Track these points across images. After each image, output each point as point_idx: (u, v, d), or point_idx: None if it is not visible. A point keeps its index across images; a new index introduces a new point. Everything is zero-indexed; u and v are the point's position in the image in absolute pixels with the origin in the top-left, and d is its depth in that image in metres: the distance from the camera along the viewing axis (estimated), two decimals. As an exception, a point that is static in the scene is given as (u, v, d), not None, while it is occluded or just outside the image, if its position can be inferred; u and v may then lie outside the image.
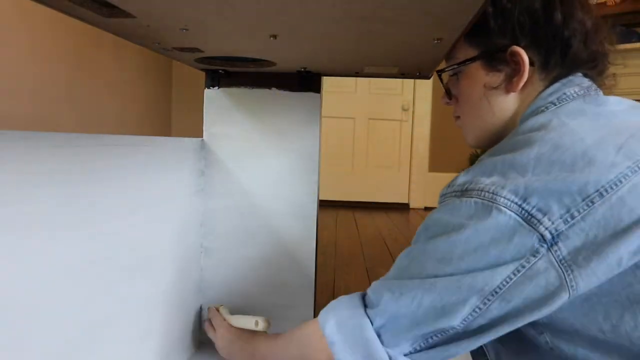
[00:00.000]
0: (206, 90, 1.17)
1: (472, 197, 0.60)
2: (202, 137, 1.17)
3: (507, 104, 0.74)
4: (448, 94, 0.85)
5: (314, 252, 1.18)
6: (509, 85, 0.73)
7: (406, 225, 3.63)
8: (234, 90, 1.17)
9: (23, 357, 0.60)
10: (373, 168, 4.42)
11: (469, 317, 0.58)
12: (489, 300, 0.57)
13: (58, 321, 0.66)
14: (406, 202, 4.45)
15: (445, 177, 4.36)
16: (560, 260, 0.54)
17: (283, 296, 1.18)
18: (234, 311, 1.19)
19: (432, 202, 4.39)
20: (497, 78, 0.74)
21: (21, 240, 0.59)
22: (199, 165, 1.16)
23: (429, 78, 1.14)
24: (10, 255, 0.57)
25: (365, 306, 0.67)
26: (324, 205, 4.11)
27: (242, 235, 1.18)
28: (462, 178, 0.65)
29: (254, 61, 1.00)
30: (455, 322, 0.59)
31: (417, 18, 0.63)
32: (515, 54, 0.71)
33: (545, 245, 0.54)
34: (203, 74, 1.17)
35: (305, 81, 1.14)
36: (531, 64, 0.71)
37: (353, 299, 0.70)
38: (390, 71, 1.10)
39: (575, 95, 0.69)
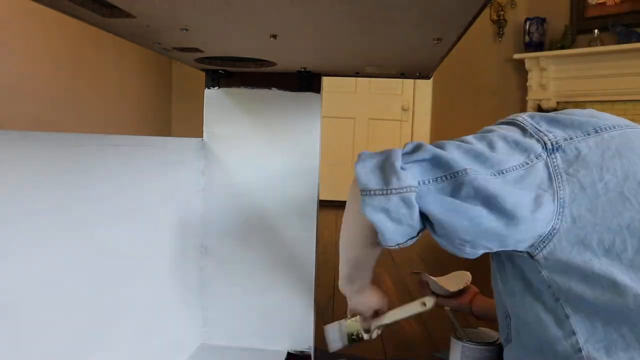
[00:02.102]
0: (206, 90, 1.17)
1: (497, 122, 0.76)
2: (202, 137, 1.17)
3: None
4: None
5: (314, 252, 1.18)
6: None
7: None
8: (234, 90, 1.17)
9: (23, 357, 0.60)
10: (373, 168, 4.42)
11: (475, 173, 0.65)
12: (497, 174, 0.66)
13: (58, 321, 0.66)
14: (406, 202, 4.45)
15: (445, 177, 4.35)
16: (555, 167, 0.66)
17: (283, 296, 1.18)
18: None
19: (432, 202, 4.38)
20: None
21: (22, 240, 0.59)
22: (199, 165, 1.16)
23: (429, 78, 1.14)
24: (11, 255, 0.57)
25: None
26: (324, 205, 4.10)
27: (242, 235, 1.18)
28: None
29: (254, 61, 1.00)
30: (465, 165, 0.65)
31: (417, 18, 0.63)
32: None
33: (545, 153, 0.67)
34: (203, 74, 1.17)
35: (305, 81, 1.14)
36: None
37: None
38: (390, 71, 1.10)
39: None
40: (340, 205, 3.89)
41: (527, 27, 3.89)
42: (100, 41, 2.91)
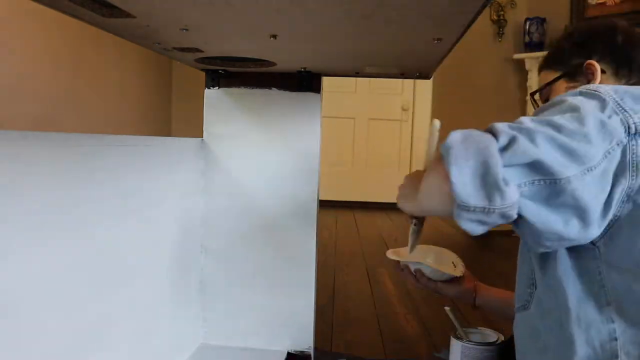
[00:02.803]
0: (206, 90, 1.17)
1: (573, 93, 0.70)
2: (202, 137, 1.17)
3: None
4: None
5: (314, 252, 1.18)
6: None
7: (406, 226, 3.62)
8: (234, 90, 1.16)
9: (23, 357, 0.60)
10: (373, 168, 4.42)
11: (575, 180, 0.60)
12: (587, 171, 0.61)
13: (58, 321, 0.66)
14: (406, 202, 4.45)
15: (445, 177, 4.35)
16: (633, 155, 0.62)
17: (283, 296, 1.18)
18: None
19: (432, 202, 4.38)
20: (577, 87, 0.81)
21: (22, 240, 0.59)
22: (199, 165, 1.16)
23: (429, 78, 1.14)
24: (11, 255, 0.57)
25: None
26: (324, 205, 4.10)
27: (242, 235, 1.18)
28: None
29: (254, 61, 1.00)
30: (566, 172, 0.60)
31: (417, 18, 0.63)
32: (590, 66, 0.91)
33: (627, 138, 0.63)
34: (203, 74, 1.17)
35: (305, 81, 1.14)
36: (603, 72, 0.91)
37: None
38: (390, 71, 1.10)
39: None
40: (340, 205, 3.86)
41: (527, 27, 3.89)
42: (100, 41, 2.91)
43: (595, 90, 0.67)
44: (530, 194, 0.60)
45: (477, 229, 0.63)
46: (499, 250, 2.92)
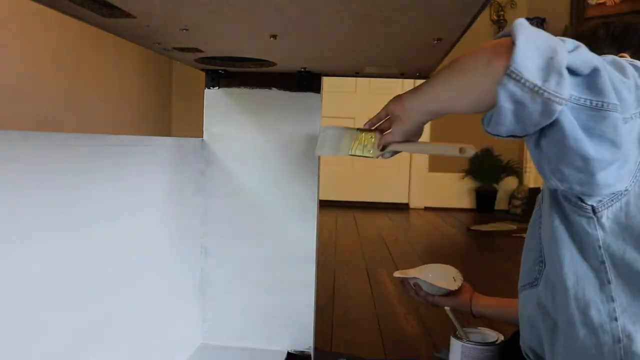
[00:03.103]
0: (206, 90, 1.17)
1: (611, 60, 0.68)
2: (202, 137, 1.17)
3: None
4: None
5: (314, 252, 1.18)
6: None
7: (406, 225, 3.63)
8: (234, 90, 1.17)
9: (23, 357, 0.60)
10: (373, 168, 4.42)
11: (621, 113, 0.58)
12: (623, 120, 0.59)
13: (58, 321, 0.66)
14: (406, 202, 4.45)
15: (445, 177, 4.36)
16: None
17: (283, 296, 1.18)
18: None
19: (431, 202, 4.39)
20: None
21: (22, 240, 0.59)
22: (199, 165, 1.16)
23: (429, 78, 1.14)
24: (11, 255, 0.57)
25: None
26: (324, 205, 4.11)
27: (242, 235, 1.18)
28: None
29: (254, 61, 1.00)
30: (616, 100, 0.58)
31: (417, 18, 0.63)
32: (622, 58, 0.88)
33: None
34: (203, 74, 1.17)
35: (305, 81, 1.14)
36: None
37: None
38: (390, 71, 1.10)
39: None
40: (340, 205, 3.86)
41: (527, 27, 3.89)
42: (100, 41, 2.91)
43: (632, 62, 0.66)
44: (576, 111, 0.57)
45: (507, 117, 0.57)
46: (499, 250, 2.92)
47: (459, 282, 1.17)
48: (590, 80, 0.57)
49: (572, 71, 0.57)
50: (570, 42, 0.59)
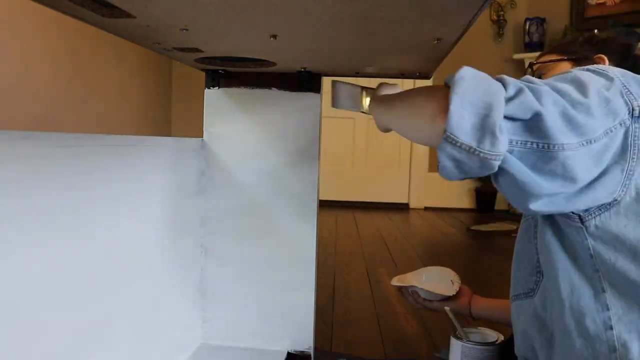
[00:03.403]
0: (206, 90, 1.17)
1: (584, 68, 0.70)
2: (202, 137, 1.17)
3: None
4: None
5: (314, 252, 1.18)
6: None
7: (406, 225, 3.63)
8: (234, 90, 1.17)
9: (23, 357, 0.60)
10: (373, 168, 4.42)
11: (569, 149, 0.59)
12: (585, 143, 0.60)
13: (58, 321, 0.66)
14: (406, 202, 4.45)
15: (445, 177, 4.35)
16: (634, 137, 0.62)
17: (283, 296, 1.18)
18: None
19: (431, 202, 4.39)
20: None
21: (22, 240, 0.59)
22: (199, 165, 1.16)
23: (429, 78, 1.14)
24: (11, 255, 0.57)
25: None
26: (324, 205, 4.11)
27: (242, 234, 1.18)
28: None
29: (254, 61, 1.00)
30: (563, 139, 0.58)
31: (417, 18, 0.63)
32: (600, 60, 0.92)
33: (630, 120, 0.63)
34: (203, 74, 1.17)
35: (305, 81, 1.14)
36: None
37: None
38: (390, 71, 1.10)
39: None
40: (340, 205, 3.86)
41: (527, 27, 3.90)
42: (100, 41, 2.91)
43: (604, 70, 0.67)
44: (520, 154, 0.58)
45: (451, 171, 0.60)
46: (499, 250, 2.92)
47: (457, 285, 1.17)
48: (532, 124, 0.58)
49: (512, 118, 0.58)
50: (513, 87, 0.59)
